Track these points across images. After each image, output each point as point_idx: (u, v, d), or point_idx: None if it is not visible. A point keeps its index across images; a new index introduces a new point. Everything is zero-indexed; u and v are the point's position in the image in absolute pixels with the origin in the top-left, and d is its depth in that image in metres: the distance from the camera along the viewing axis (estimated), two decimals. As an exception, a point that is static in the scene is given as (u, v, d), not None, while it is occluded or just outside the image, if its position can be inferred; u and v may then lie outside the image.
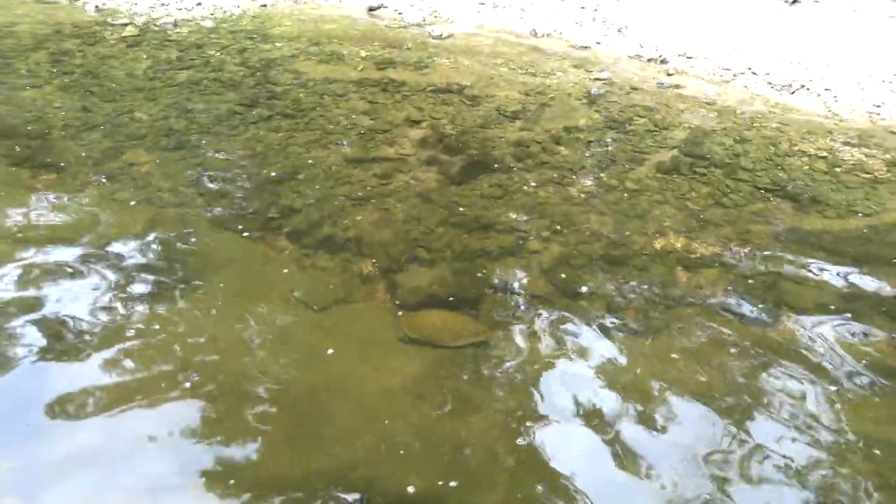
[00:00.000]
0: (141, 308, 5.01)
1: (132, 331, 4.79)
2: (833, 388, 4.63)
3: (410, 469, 3.96)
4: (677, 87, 8.56)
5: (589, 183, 6.64)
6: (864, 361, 4.83)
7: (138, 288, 5.18)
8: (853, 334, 5.08)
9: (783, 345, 4.94)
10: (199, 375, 4.50)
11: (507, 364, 4.76)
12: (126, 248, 5.56)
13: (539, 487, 3.95)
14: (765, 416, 4.41)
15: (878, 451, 4.16)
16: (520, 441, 4.20)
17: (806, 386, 4.62)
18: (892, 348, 4.98)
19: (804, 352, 4.89)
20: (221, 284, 5.26)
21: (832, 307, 5.28)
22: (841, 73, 8.62)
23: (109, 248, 5.54)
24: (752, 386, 4.63)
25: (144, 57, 9.17)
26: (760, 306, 5.29)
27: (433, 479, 3.93)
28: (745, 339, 4.97)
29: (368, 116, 7.69)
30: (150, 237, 5.70)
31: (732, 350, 4.90)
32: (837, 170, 6.93)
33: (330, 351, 4.73)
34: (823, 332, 5.09)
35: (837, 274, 5.63)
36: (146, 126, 7.34)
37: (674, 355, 4.86)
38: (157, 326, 4.85)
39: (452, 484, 3.93)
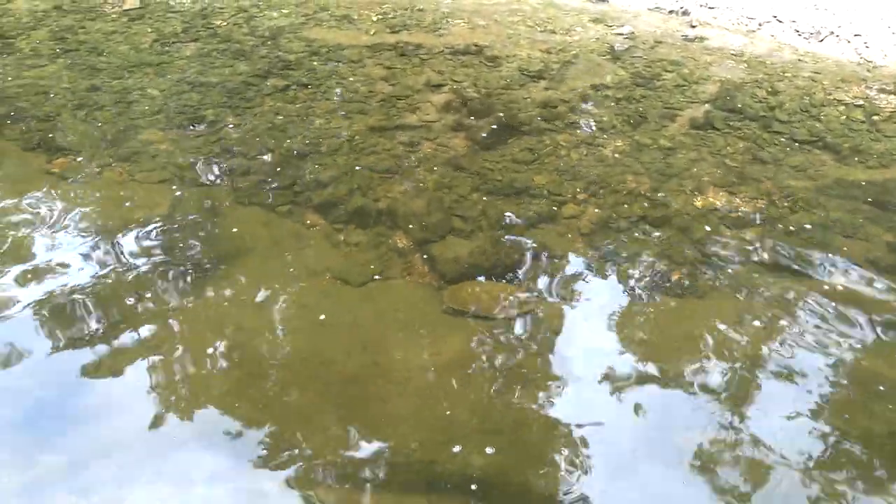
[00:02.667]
0: (175, 292, 4.85)
1: (168, 315, 4.64)
2: (885, 345, 4.49)
3: (467, 449, 3.83)
4: (702, 38, 8.28)
5: (621, 142, 6.43)
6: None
7: (170, 272, 5.02)
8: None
9: (834, 301, 4.80)
10: (242, 360, 4.37)
11: (556, 333, 4.62)
12: (153, 231, 5.38)
13: (598, 459, 3.84)
14: (816, 374, 4.30)
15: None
16: (575, 413, 4.08)
17: (857, 344, 4.48)
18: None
19: (856, 308, 4.74)
20: (253, 264, 5.10)
21: (882, 260, 5.12)
22: (870, 17, 8.33)
23: (136, 232, 5.36)
24: (803, 342, 4.50)
25: (149, 30, 8.88)
26: (808, 262, 5.13)
27: (491, 460, 3.81)
28: (794, 296, 4.83)
29: (387, 82, 7.44)
30: (177, 218, 5.52)
31: (782, 307, 4.75)
32: (876, 118, 6.71)
33: (372, 329, 4.58)
34: (874, 287, 4.94)
35: (884, 225, 5.46)
36: (159, 103, 7.11)
37: (723, 315, 4.71)
38: (194, 310, 4.70)
39: (511, 463, 3.81)
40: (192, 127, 6.71)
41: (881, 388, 4.21)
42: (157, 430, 3.96)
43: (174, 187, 5.85)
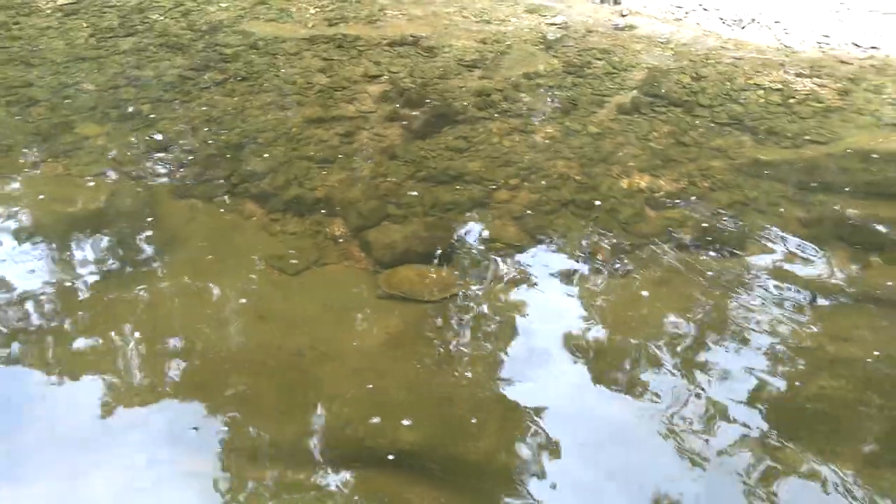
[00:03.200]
0: (112, 283, 4.92)
1: (106, 307, 4.72)
2: (797, 311, 4.78)
3: (400, 424, 4.00)
4: (632, 27, 8.55)
5: (552, 129, 6.65)
6: (825, 285, 4.99)
7: (107, 264, 5.09)
8: (815, 260, 5.25)
9: (750, 274, 5.09)
10: (180, 348, 4.47)
11: (487, 313, 4.82)
12: (90, 226, 5.42)
13: (525, 431, 4.03)
14: (735, 344, 4.56)
15: (850, 378, 4.30)
16: (503, 388, 4.27)
17: (773, 312, 4.77)
18: (850, 272, 5.16)
19: (771, 280, 5.04)
20: (191, 255, 5.19)
21: (794, 235, 5.43)
22: (790, 5, 8.71)
23: (73, 226, 5.40)
24: (723, 316, 4.77)
25: (84, 25, 8.81)
26: (726, 238, 5.41)
27: (423, 433, 3.98)
28: (714, 272, 5.10)
29: (325, 74, 7.55)
30: (114, 211, 5.56)
31: (702, 283, 5.02)
32: (791, 101, 7.05)
33: (309, 314, 4.72)
34: (787, 260, 5.24)
35: (797, 203, 5.78)
36: (95, 97, 7.10)
37: (646, 292, 4.96)
38: (131, 301, 4.78)
39: (442, 435, 3.99)
40: (127, 120, 6.72)
41: (804, 357, 4.47)
42: (94, 419, 4.04)
43: (111, 181, 5.88)
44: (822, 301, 4.90)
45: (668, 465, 3.82)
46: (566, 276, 5.11)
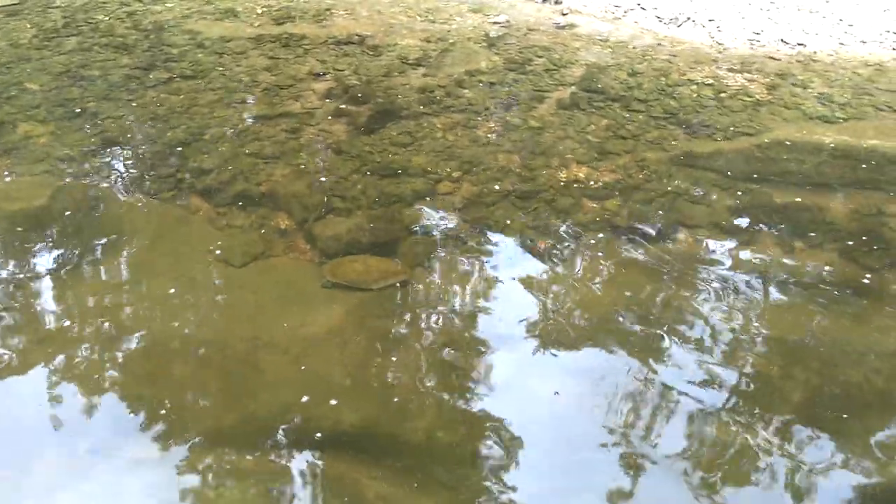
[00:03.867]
0: (59, 279, 4.95)
1: (52, 302, 4.75)
2: (730, 296, 5.04)
3: (342, 408, 4.12)
4: (572, 26, 8.81)
5: (494, 124, 6.84)
6: (755, 271, 5.26)
7: (50, 262, 5.11)
8: (743, 246, 5.51)
9: (683, 261, 5.32)
10: (127, 340, 4.53)
11: (429, 300, 4.97)
12: (31, 223, 5.43)
13: (463, 412, 4.18)
14: (672, 327, 4.76)
15: (776, 353, 4.56)
16: (443, 372, 4.42)
17: (706, 297, 5.01)
18: (776, 257, 5.43)
19: (702, 266, 5.28)
20: (137, 249, 5.24)
21: (724, 223, 5.69)
22: (724, 4, 9.06)
23: (14, 224, 5.41)
24: (658, 301, 4.99)
25: (28, 26, 8.75)
26: (660, 227, 5.65)
27: (364, 416, 4.09)
28: (648, 258, 5.32)
29: (271, 72, 7.64)
30: (56, 210, 5.58)
31: (637, 269, 5.24)
32: (723, 95, 7.35)
33: (254, 305, 4.82)
34: (718, 246, 5.50)
35: (728, 192, 6.05)
36: (39, 97, 7.08)
37: (584, 278, 5.16)
38: (77, 296, 4.82)
39: (382, 418, 4.12)
40: (72, 119, 6.73)
41: (738, 337, 4.72)
42: (37, 410, 4.08)
43: (55, 179, 5.90)
44: (749, 285, 5.16)
45: (600, 440, 4.02)
46: (507, 265, 5.29)
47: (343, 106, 7.06)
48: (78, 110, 6.88)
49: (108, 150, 6.33)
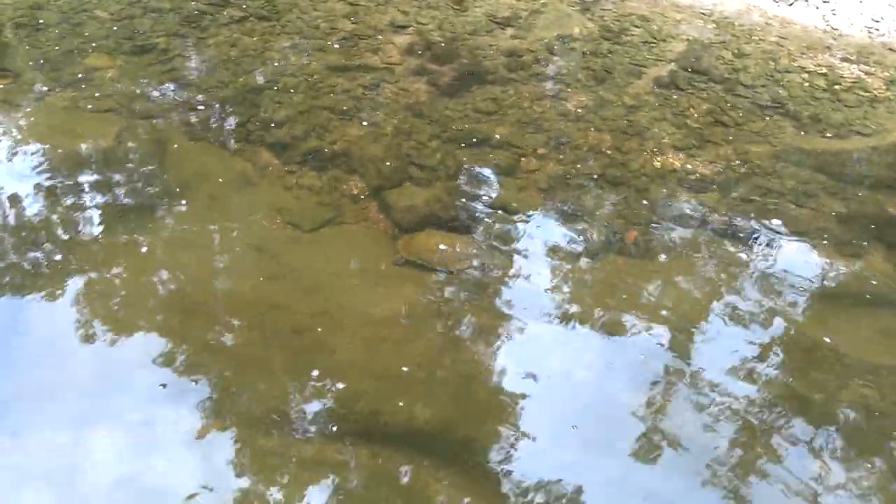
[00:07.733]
0: (119, 227, 4.68)
1: (111, 252, 4.49)
2: (826, 306, 4.65)
3: (415, 401, 3.82)
4: (673, -6, 8.16)
5: (585, 97, 6.34)
6: (862, 291, 4.79)
7: (114, 206, 4.84)
8: (849, 260, 5.03)
9: (781, 267, 4.87)
10: (185, 301, 4.26)
11: (507, 287, 4.60)
12: (97, 164, 5.15)
13: (540, 412, 3.88)
14: (756, 333, 4.41)
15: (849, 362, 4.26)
16: (524, 369, 4.08)
17: (800, 305, 4.61)
18: (883, 271, 4.95)
19: (801, 277, 4.82)
20: (201, 203, 4.93)
21: (829, 229, 5.20)
22: (839, -17, 8.30)
23: (78, 164, 5.13)
24: (747, 307, 4.58)
25: (100, -52, 8.39)
26: (760, 228, 5.17)
27: (437, 413, 3.81)
28: (743, 261, 4.90)
29: (350, 20, 7.17)
30: (122, 151, 5.29)
31: (731, 272, 4.82)
32: (837, 87, 6.72)
33: (322, 274, 4.49)
34: (821, 257, 5.02)
35: (836, 196, 5.52)
36: (107, 27, 6.74)
37: (673, 277, 4.75)
38: (136, 247, 4.55)
39: (456, 417, 3.81)
40: (141, 54, 6.39)
41: (818, 354, 4.31)
42: (95, 372, 3.85)
43: (121, 117, 5.59)
44: (842, 301, 4.72)
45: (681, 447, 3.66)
46: (589, 255, 4.89)
47: (425, 63, 6.59)
48: (147, 44, 6.53)
49: (177, 90, 5.98)
